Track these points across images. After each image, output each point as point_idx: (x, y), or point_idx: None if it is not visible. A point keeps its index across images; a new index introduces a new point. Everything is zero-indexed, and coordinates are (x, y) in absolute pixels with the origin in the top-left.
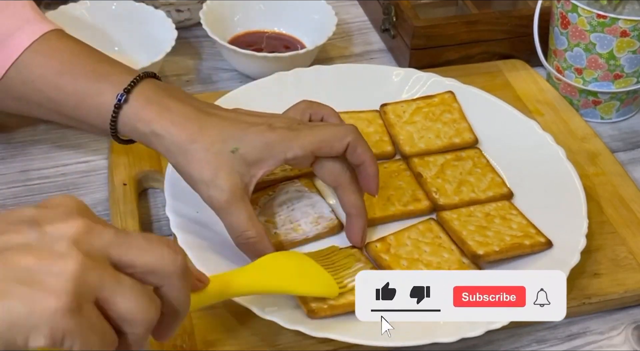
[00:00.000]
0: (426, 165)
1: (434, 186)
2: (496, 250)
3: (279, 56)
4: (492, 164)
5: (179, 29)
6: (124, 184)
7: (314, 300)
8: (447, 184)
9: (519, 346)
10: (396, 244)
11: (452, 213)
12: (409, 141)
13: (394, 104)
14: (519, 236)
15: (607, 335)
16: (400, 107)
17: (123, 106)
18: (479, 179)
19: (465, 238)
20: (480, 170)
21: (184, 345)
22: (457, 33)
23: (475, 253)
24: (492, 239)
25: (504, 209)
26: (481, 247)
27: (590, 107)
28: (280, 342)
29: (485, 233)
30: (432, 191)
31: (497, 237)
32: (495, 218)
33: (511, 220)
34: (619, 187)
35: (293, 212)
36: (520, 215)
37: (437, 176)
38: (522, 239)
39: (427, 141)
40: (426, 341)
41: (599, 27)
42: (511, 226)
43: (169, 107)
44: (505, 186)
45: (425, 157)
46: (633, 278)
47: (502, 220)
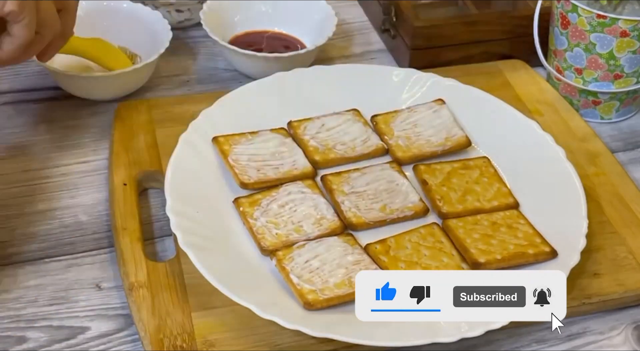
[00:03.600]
0: (432, 172)
1: (438, 193)
2: (498, 258)
3: (279, 56)
4: (500, 174)
5: (179, 29)
6: (124, 184)
7: (309, 292)
8: (452, 192)
9: (519, 346)
10: (396, 247)
11: (458, 221)
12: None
13: (426, 165)
14: (523, 245)
15: (607, 335)
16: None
17: None
18: (485, 188)
19: (468, 245)
20: (488, 179)
21: (184, 345)
22: (457, 33)
23: (476, 261)
24: (495, 248)
25: (512, 218)
26: (483, 255)
27: (590, 107)
28: (280, 342)
29: (490, 241)
30: (436, 199)
31: (501, 246)
32: (502, 227)
33: (517, 229)
34: (619, 187)
35: (295, 213)
36: (527, 224)
37: (442, 184)
38: (526, 248)
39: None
40: (426, 341)
41: (599, 28)
42: (517, 234)
43: None
44: (512, 196)
45: (432, 165)
46: (633, 278)
47: (509, 229)
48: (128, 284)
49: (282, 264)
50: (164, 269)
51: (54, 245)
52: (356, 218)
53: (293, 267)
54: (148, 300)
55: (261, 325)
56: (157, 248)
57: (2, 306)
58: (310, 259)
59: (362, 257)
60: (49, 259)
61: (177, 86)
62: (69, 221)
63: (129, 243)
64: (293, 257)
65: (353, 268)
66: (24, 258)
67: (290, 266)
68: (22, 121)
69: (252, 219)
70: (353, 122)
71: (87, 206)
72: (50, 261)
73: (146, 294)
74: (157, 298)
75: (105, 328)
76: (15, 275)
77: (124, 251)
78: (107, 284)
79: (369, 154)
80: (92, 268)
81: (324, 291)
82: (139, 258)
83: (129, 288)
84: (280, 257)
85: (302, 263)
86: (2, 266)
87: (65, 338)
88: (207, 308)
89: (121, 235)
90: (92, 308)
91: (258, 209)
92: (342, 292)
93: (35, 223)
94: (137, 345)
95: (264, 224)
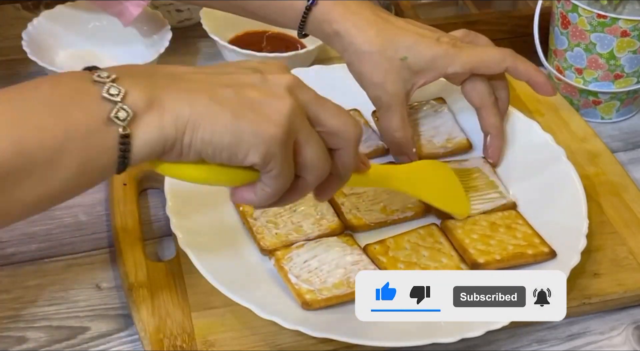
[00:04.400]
0: None
1: None
2: (497, 259)
3: (279, 56)
4: (495, 180)
5: (179, 28)
6: (124, 184)
7: (308, 292)
8: None
9: (519, 346)
10: (395, 247)
11: (456, 221)
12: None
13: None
14: (522, 245)
15: (607, 335)
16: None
17: (312, 8)
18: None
19: (467, 246)
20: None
21: (184, 345)
22: None
23: (475, 261)
24: (494, 248)
25: (510, 218)
26: (482, 255)
27: (590, 107)
28: (280, 342)
29: (488, 242)
30: None
31: (500, 246)
32: (501, 227)
33: (516, 229)
34: (619, 187)
35: (295, 213)
36: (526, 225)
37: None
38: (525, 248)
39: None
40: (426, 341)
41: (599, 27)
42: (516, 235)
43: (352, 10)
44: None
45: None
46: (633, 278)
47: (507, 229)
48: (128, 284)
49: (281, 264)
50: (163, 269)
51: (53, 245)
52: (357, 220)
53: (291, 267)
54: (148, 300)
55: (261, 325)
56: (157, 248)
57: (2, 306)
58: (309, 259)
59: (361, 257)
60: (49, 259)
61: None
62: (68, 221)
63: (129, 242)
64: (292, 257)
65: (352, 268)
66: (24, 258)
67: (288, 266)
68: None
69: (252, 219)
70: None
71: (86, 206)
72: (50, 261)
73: (146, 294)
74: (156, 298)
75: (105, 328)
76: (15, 275)
77: (123, 251)
78: (107, 284)
79: (370, 154)
80: (91, 268)
81: (322, 291)
82: (139, 258)
83: (129, 288)
84: (279, 257)
85: (301, 263)
86: (2, 266)
87: (65, 338)
88: (207, 308)
89: (121, 235)
90: (92, 308)
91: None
92: (340, 292)
93: (35, 223)
94: (137, 345)
95: (263, 224)
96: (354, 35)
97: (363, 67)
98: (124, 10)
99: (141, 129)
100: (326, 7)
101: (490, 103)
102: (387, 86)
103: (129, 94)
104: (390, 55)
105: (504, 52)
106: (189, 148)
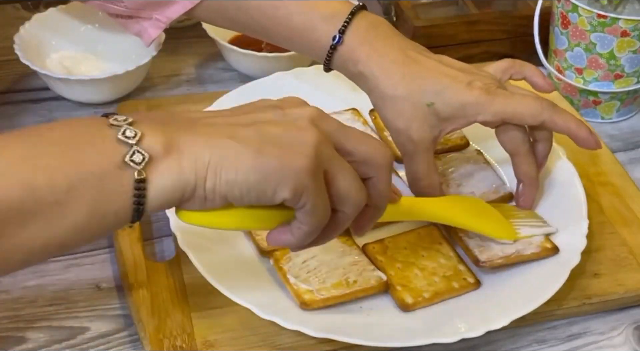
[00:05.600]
0: None
1: None
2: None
3: (279, 56)
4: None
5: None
6: None
7: (306, 292)
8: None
9: (519, 346)
10: (393, 247)
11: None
12: None
13: None
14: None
15: (607, 335)
16: None
17: (337, 47)
18: None
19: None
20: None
21: (183, 345)
22: (457, 33)
23: (477, 259)
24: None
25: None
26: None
27: (590, 107)
28: (280, 342)
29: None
30: None
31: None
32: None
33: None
34: (619, 187)
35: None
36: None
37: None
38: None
39: None
40: (426, 341)
41: (600, 27)
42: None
43: (378, 50)
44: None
45: None
46: (633, 278)
47: None
48: (128, 284)
49: (280, 264)
50: (163, 269)
51: None
52: None
53: (290, 267)
54: (147, 300)
55: (261, 325)
56: (156, 248)
57: (2, 306)
58: (307, 260)
59: (360, 258)
60: (49, 259)
61: (177, 86)
62: None
63: (129, 243)
64: (291, 257)
65: (350, 268)
66: None
67: (287, 266)
68: (22, 121)
69: None
70: (352, 122)
71: None
72: (50, 261)
73: (146, 294)
74: (156, 298)
75: (104, 328)
76: (15, 275)
77: (123, 251)
78: (106, 284)
79: None
80: (91, 268)
81: (321, 291)
82: (139, 258)
83: (129, 288)
84: (278, 257)
85: (300, 263)
86: None
87: (64, 339)
88: (206, 308)
89: (121, 235)
90: (91, 308)
91: None
92: (339, 292)
93: None
94: (136, 345)
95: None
96: (378, 77)
97: (387, 112)
98: (143, 31)
99: (158, 173)
100: (352, 46)
101: (525, 151)
102: (412, 133)
103: (145, 137)
104: (416, 101)
105: (542, 105)
106: (213, 192)
